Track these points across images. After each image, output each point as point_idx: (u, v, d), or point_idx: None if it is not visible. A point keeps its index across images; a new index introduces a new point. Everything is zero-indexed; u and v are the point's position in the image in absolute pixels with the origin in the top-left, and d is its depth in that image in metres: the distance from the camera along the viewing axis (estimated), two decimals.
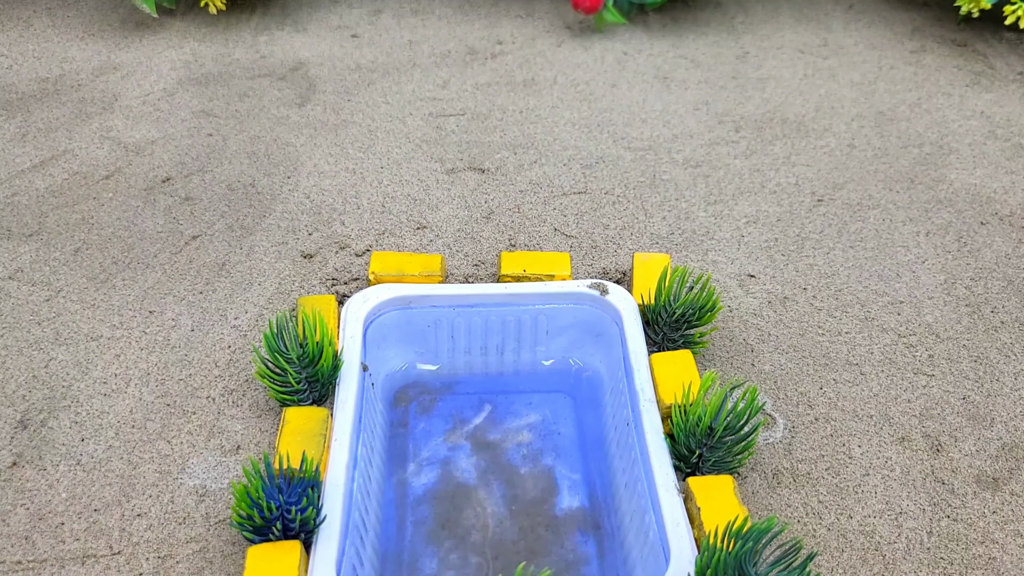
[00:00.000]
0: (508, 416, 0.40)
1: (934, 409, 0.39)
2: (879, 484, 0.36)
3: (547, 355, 0.42)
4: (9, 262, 0.45)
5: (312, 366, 0.35)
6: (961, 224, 0.51)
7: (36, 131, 0.56)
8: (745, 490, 0.35)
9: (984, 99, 0.63)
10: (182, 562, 0.32)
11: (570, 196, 0.52)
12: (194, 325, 0.42)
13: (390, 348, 0.41)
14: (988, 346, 0.43)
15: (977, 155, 0.57)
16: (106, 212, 0.49)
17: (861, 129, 0.59)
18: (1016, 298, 0.46)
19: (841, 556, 0.33)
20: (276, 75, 0.63)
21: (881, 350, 0.42)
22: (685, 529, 0.31)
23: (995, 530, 0.34)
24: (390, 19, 0.72)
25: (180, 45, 0.67)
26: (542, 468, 0.37)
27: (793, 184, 0.54)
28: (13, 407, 0.38)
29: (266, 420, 0.37)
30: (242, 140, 0.56)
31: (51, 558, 0.32)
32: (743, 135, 0.58)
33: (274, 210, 0.50)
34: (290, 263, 0.46)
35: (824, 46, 0.70)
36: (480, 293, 0.40)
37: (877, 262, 0.48)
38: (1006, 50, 0.69)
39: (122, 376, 0.39)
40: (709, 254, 0.48)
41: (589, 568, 0.34)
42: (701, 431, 0.33)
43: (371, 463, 0.35)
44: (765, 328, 0.43)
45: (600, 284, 0.41)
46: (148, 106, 0.59)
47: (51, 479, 0.35)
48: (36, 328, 0.41)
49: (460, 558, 0.34)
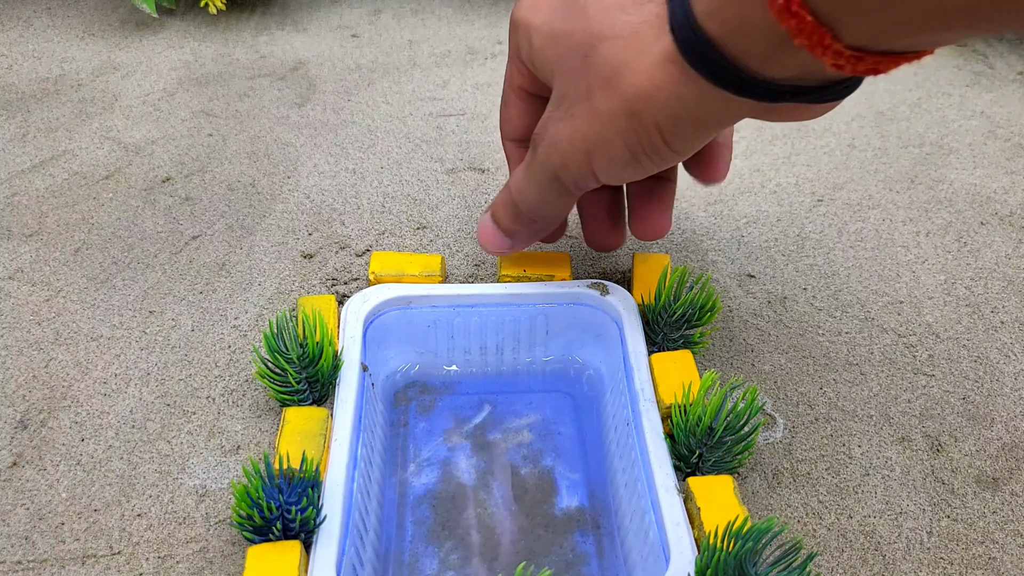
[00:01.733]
0: (508, 416, 0.40)
1: (934, 409, 0.39)
2: (879, 484, 0.36)
3: (547, 355, 0.42)
4: (9, 262, 0.45)
5: (312, 366, 0.35)
6: (961, 224, 0.51)
7: (36, 131, 0.56)
8: (745, 490, 0.35)
9: (984, 99, 0.63)
10: (182, 562, 0.32)
11: None
12: (194, 325, 0.42)
13: (390, 348, 0.41)
14: (988, 346, 0.43)
15: (977, 155, 0.57)
16: (106, 212, 0.49)
17: (861, 129, 0.59)
18: (1016, 298, 0.46)
19: (841, 556, 0.33)
20: (276, 75, 0.63)
21: (881, 350, 0.42)
22: (685, 529, 0.31)
23: (995, 530, 0.34)
24: (390, 19, 0.72)
25: (180, 45, 0.67)
26: (542, 468, 0.37)
27: (793, 184, 0.54)
28: (13, 407, 0.38)
29: (266, 420, 0.37)
30: (242, 140, 0.56)
31: (51, 558, 0.32)
32: (743, 135, 0.58)
33: (274, 210, 0.50)
34: (290, 263, 0.46)
35: None
36: (480, 293, 0.40)
37: (877, 262, 0.48)
38: (1006, 50, 0.69)
39: (122, 376, 0.39)
40: (709, 254, 0.48)
41: (589, 568, 0.34)
42: (701, 431, 0.33)
43: (371, 463, 0.35)
44: (765, 328, 0.43)
45: (600, 284, 0.41)
46: (148, 106, 0.59)
47: (51, 479, 0.35)
48: (36, 328, 0.41)
49: (460, 558, 0.34)
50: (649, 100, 0.29)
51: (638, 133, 0.30)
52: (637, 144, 0.30)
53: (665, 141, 0.30)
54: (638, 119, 0.29)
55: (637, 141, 0.30)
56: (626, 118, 0.30)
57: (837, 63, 0.23)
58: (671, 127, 0.29)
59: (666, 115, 0.29)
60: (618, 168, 0.32)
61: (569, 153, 0.32)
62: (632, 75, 0.29)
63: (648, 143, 0.30)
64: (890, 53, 0.24)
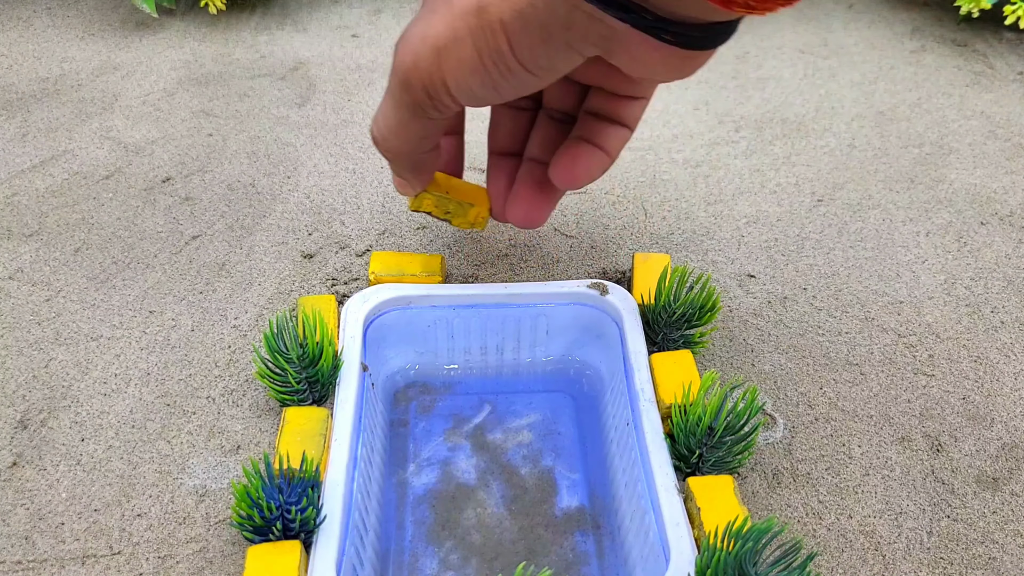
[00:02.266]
0: (508, 416, 0.40)
1: (934, 409, 0.39)
2: (879, 484, 0.36)
3: (547, 355, 0.42)
4: (9, 262, 0.45)
5: (312, 366, 0.35)
6: (961, 224, 0.51)
7: (36, 131, 0.56)
8: (745, 490, 0.35)
9: (984, 99, 0.63)
10: (182, 562, 0.32)
11: (570, 196, 0.52)
12: (194, 325, 0.42)
13: (390, 348, 0.41)
14: (988, 346, 0.43)
15: (977, 155, 0.57)
16: (106, 212, 0.49)
17: (861, 129, 0.59)
18: (1016, 298, 0.46)
19: (841, 556, 0.33)
20: (276, 75, 0.63)
21: (881, 350, 0.42)
22: (685, 529, 0.31)
23: (995, 530, 0.34)
24: (390, 19, 0.72)
25: (180, 45, 0.67)
26: (542, 468, 0.37)
27: (793, 184, 0.54)
28: (13, 407, 0.38)
29: (266, 420, 0.37)
30: (242, 140, 0.56)
31: (51, 558, 0.32)
32: (743, 135, 0.58)
33: (274, 210, 0.50)
34: (290, 263, 0.46)
35: (824, 46, 0.70)
36: (480, 293, 0.40)
37: (877, 262, 0.48)
38: (1006, 50, 0.69)
39: (122, 376, 0.39)
40: (709, 254, 0.48)
41: (589, 568, 0.34)
42: (701, 431, 0.33)
43: (371, 463, 0.35)
44: (765, 328, 0.43)
45: (600, 284, 0.41)
46: (148, 106, 0.59)
47: (51, 479, 0.35)
48: (36, 328, 0.41)
49: (460, 558, 0.34)
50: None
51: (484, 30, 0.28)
52: (484, 44, 0.29)
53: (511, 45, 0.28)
54: (485, 13, 0.28)
55: (484, 41, 0.29)
56: (475, 13, 0.28)
57: None
58: (516, 29, 0.28)
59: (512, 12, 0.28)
60: (467, 74, 0.30)
61: (421, 52, 0.31)
62: None
63: (494, 46, 0.29)
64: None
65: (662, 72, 0.29)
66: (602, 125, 0.36)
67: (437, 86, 0.31)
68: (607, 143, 0.36)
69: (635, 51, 0.28)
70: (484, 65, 0.29)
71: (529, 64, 0.29)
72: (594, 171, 0.36)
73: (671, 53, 0.28)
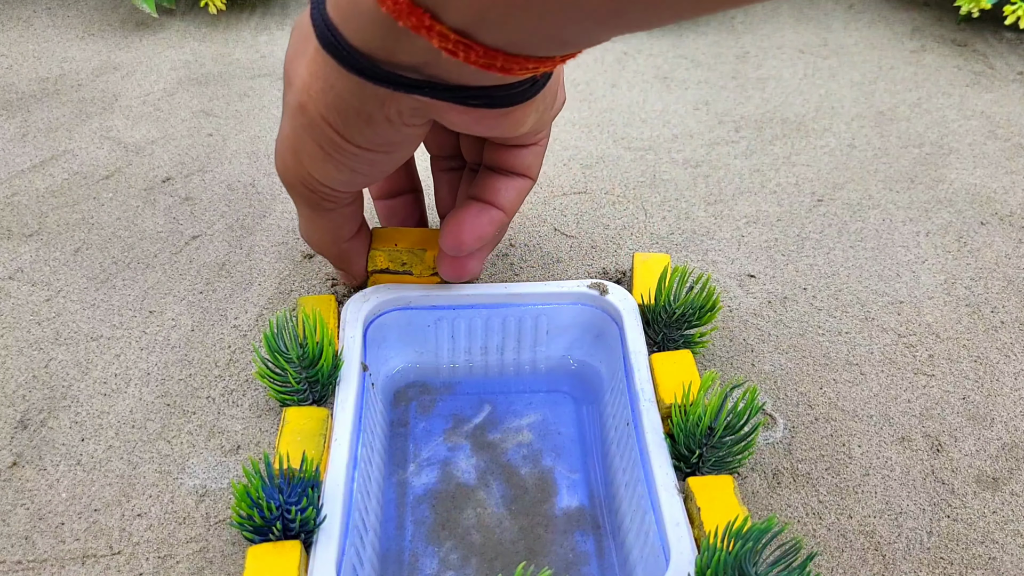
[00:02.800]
0: (508, 416, 0.40)
1: (934, 409, 0.39)
2: (879, 484, 0.36)
3: (547, 355, 0.42)
4: (9, 262, 0.45)
5: (312, 366, 0.35)
6: (961, 224, 0.51)
7: (36, 131, 0.56)
8: (745, 490, 0.35)
9: (984, 99, 0.63)
10: (182, 562, 0.32)
11: (570, 196, 0.52)
12: (194, 325, 0.42)
13: (390, 348, 0.41)
14: (988, 346, 0.43)
15: (977, 155, 0.57)
16: (106, 212, 0.49)
17: (861, 129, 0.59)
18: (1016, 298, 0.46)
19: (841, 556, 0.33)
20: (276, 75, 0.63)
21: (881, 350, 0.42)
22: (685, 529, 0.31)
23: (995, 530, 0.34)
24: None
25: (180, 45, 0.67)
26: (542, 468, 0.37)
27: (793, 184, 0.54)
28: (13, 407, 0.38)
29: (266, 420, 0.37)
30: (242, 140, 0.56)
31: (51, 558, 0.32)
32: (743, 135, 0.58)
33: (274, 210, 0.50)
34: (290, 263, 0.46)
35: (824, 46, 0.70)
36: (480, 293, 0.40)
37: (877, 262, 0.48)
38: (1006, 50, 0.69)
39: (122, 376, 0.39)
40: (709, 254, 0.48)
41: (589, 568, 0.34)
42: (701, 431, 0.33)
43: (371, 463, 0.35)
44: (765, 328, 0.43)
45: (600, 284, 0.41)
46: (148, 106, 0.59)
47: (51, 479, 0.35)
48: (36, 328, 0.41)
49: (460, 558, 0.34)
50: (309, 90, 0.29)
51: (312, 126, 0.30)
52: (319, 137, 0.30)
53: (338, 132, 0.29)
54: (306, 111, 0.29)
55: (317, 134, 0.30)
56: (300, 112, 0.30)
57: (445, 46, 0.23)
58: (336, 117, 0.29)
59: (327, 105, 0.29)
60: (320, 165, 0.31)
61: (283, 154, 0.32)
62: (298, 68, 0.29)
63: (325, 136, 0.30)
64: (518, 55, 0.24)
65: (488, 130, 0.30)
66: (495, 179, 0.36)
67: (309, 181, 0.32)
68: (500, 198, 0.36)
69: (452, 116, 0.29)
70: (329, 154, 0.30)
71: (366, 144, 0.30)
72: (485, 233, 0.36)
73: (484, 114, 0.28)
